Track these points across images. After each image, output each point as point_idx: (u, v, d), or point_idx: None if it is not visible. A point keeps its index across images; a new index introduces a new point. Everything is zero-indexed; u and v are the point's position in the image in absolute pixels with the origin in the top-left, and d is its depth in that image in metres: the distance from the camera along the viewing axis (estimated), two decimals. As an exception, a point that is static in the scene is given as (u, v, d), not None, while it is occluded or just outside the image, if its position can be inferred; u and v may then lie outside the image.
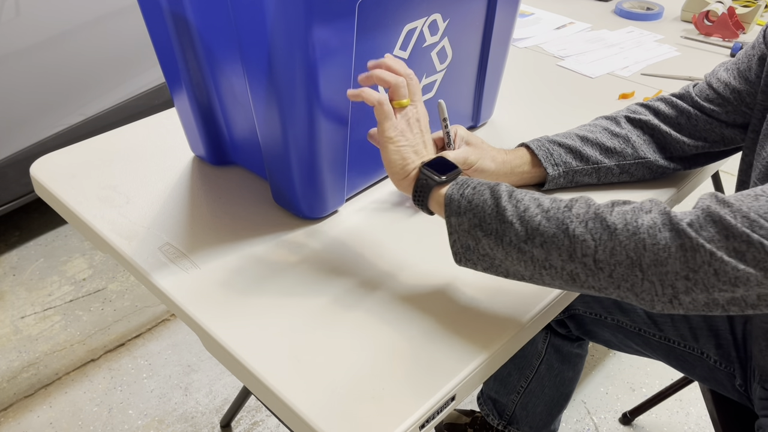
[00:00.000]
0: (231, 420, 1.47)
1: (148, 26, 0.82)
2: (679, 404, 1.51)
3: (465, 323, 0.69)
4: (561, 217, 0.60)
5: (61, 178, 0.92)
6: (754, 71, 0.79)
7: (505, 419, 1.22)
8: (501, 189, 0.65)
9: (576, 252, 0.59)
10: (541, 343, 1.12)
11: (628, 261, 0.57)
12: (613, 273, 0.58)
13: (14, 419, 1.47)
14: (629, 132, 0.87)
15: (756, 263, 0.53)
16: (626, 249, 0.57)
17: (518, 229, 0.62)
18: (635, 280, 0.57)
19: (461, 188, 0.67)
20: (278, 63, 0.69)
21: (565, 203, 0.62)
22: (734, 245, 0.53)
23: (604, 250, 0.58)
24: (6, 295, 1.81)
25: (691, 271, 0.55)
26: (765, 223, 0.53)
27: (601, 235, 0.58)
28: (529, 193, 0.64)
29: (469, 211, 0.65)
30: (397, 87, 0.70)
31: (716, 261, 0.54)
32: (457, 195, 0.66)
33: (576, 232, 0.59)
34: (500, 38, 0.97)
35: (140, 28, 1.91)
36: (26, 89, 1.72)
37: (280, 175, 0.82)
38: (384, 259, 0.78)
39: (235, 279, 0.75)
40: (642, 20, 1.52)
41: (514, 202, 0.63)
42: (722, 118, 0.84)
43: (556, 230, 0.60)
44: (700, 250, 0.54)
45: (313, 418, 0.59)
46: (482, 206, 0.64)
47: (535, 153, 0.86)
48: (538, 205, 0.62)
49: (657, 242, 0.56)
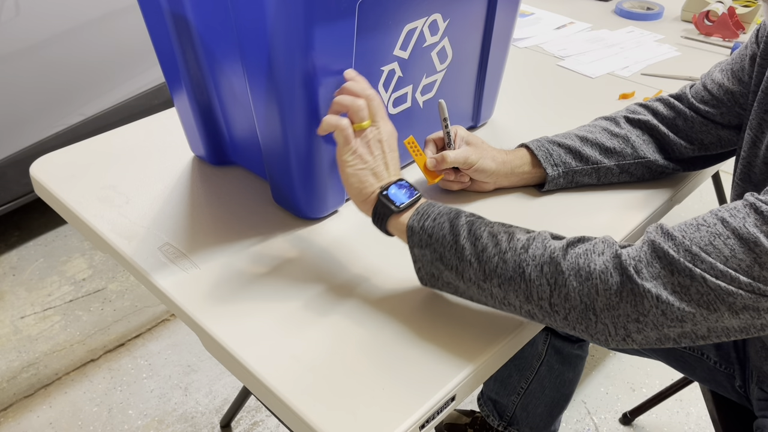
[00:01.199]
0: (231, 420, 1.47)
1: (148, 26, 0.82)
2: (679, 404, 1.51)
3: (465, 323, 0.69)
4: (517, 260, 0.61)
5: (61, 178, 0.92)
6: (747, 72, 0.79)
7: (505, 420, 1.22)
8: (460, 223, 0.65)
9: (532, 295, 0.61)
10: (541, 345, 1.12)
11: (581, 306, 0.59)
12: (568, 316, 0.60)
13: (14, 419, 1.47)
14: (629, 132, 0.87)
15: (699, 297, 0.55)
16: (580, 294, 0.58)
17: (476, 269, 0.63)
18: (589, 323, 0.59)
19: (421, 219, 0.67)
20: (278, 63, 0.69)
21: (522, 243, 0.62)
22: (678, 280, 0.55)
23: (559, 295, 0.59)
24: (6, 295, 1.81)
25: (640, 314, 0.57)
26: (706, 257, 0.55)
27: (556, 279, 0.59)
28: (488, 227, 0.64)
29: (430, 246, 0.65)
30: (354, 110, 0.70)
31: (662, 303, 0.56)
32: (417, 227, 0.66)
33: (532, 277, 0.60)
34: (500, 38, 0.97)
35: (140, 28, 1.90)
36: (26, 89, 1.72)
37: (280, 175, 0.82)
38: (384, 259, 0.78)
39: (235, 279, 0.75)
40: (642, 20, 1.52)
41: (473, 240, 0.63)
42: (717, 120, 0.84)
43: (512, 273, 0.61)
44: (647, 296, 0.56)
45: (313, 418, 0.59)
46: (442, 242, 0.64)
47: (535, 153, 0.86)
48: (496, 244, 0.62)
49: (608, 287, 0.57)
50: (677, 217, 2.12)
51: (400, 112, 0.88)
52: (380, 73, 0.80)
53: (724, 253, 0.54)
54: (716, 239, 0.55)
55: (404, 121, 0.89)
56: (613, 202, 0.88)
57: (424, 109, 0.91)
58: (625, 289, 0.56)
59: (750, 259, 0.53)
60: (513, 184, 0.89)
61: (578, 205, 0.87)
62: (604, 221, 0.84)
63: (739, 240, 0.54)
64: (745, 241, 0.54)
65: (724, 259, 0.54)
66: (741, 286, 0.54)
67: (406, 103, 0.88)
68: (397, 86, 0.84)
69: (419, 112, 0.91)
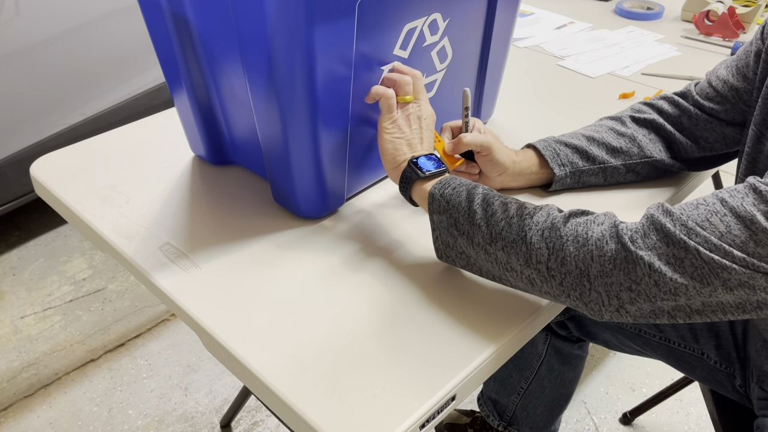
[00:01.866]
0: (231, 420, 1.47)
1: (148, 26, 0.82)
2: (680, 404, 1.51)
3: (465, 324, 0.69)
4: (521, 224, 0.64)
5: (61, 178, 0.92)
6: (752, 68, 0.79)
7: (505, 420, 1.22)
8: (477, 192, 0.68)
9: (531, 258, 0.63)
10: (541, 345, 1.12)
11: (576, 271, 0.60)
12: (564, 281, 0.61)
13: (14, 419, 1.47)
14: (635, 131, 0.87)
15: (693, 270, 0.56)
16: (575, 259, 0.60)
17: (485, 232, 0.66)
18: (583, 290, 0.60)
19: (443, 187, 0.70)
20: (278, 63, 0.69)
21: (529, 210, 0.65)
22: (673, 251, 0.56)
23: (556, 259, 0.61)
24: (6, 295, 1.81)
25: (633, 282, 0.58)
26: (701, 231, 0.56)
27: (555, 244, 0.61)
28: (502, 197, 0.68)
29: (447, 211, 0.69)
30: (401, 84, 0.77)
31: (655, 273, 0.57)
32: (438, 194, 0.70)
33: (532, 240, 0.63)
34: (500, 38, 0.97)
35: (140, 28, 1.90)
36: (26, 89, 1.72)
37: (280, 175, 0.82)
38: (383, 259, 0.78)
39: (235, 279, 0.75)
40: (642, 20, 1.52)
41: (485, 206, 0.67)
42: (722, 117, 0.84)
43: (515, 236, 0.64)
44: (639, 263, 0.57)
45: (313, 418, 0.59)
46: (457, 207, 0.68)
47: (542, 153, 0.86)
48: (505, 210, 0.66)
49: (603, 254, 0.59)
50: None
51: (400, 111, 0.88)
52: (380, 72, 0.80)
53: (720, 228, 0.55)
54: (713, 216, 0.56)
55: (404, 121, 0.89)
56: (615, 203, 0.88)
57: (424, 108, 0.91)
58: (619, 257, 0.58)
59: (745, 236, 0.54)
60: (519, 185, 0.89)
61: (580, 206, 0.87)
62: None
63: (735, 217, 0.55)
64: (741, 218, 0.55)
65: (719, 234, 0.55)
66: (735, 261, 0.54)
67: (406, 103, 0.88)
68: (397, 86, 0.84)
69: (419, 112, 0.91)
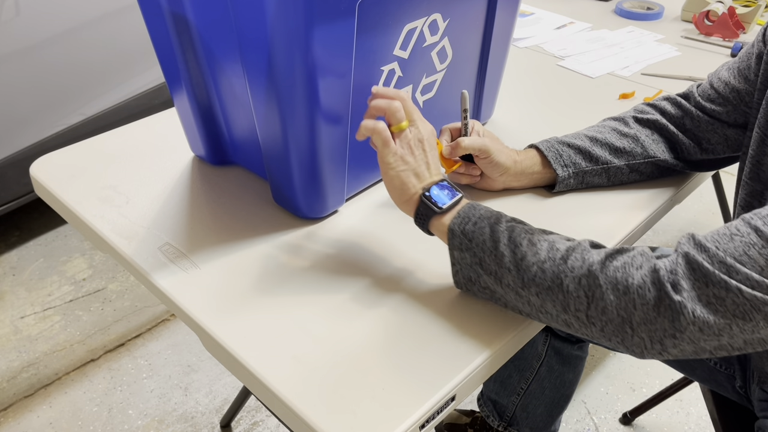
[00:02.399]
0: (231, 420, 1.47)
1: (148, 26, 0.82)
2: (679, 404, 1.51)
3: (465, 324, 0.69)
4: (556, 270, 0.61)
5: (61, 178, 0.92)
6: (753, 70, 0.79)
7: (505, 420, 1.21)
8: (500, 229, 0.65)
9: (569, 306, 0.61)
10: (541, 345, 1.12)
11: (618, 319, 0.59)
12: (605, 328, 0.60)
13: (14, 419, 1.47)
14: (638, 131, 0.87)
15: (735, 308, 0.55)
16: (617, 308, 0.58)
17: (515, 276, 0.63)
18: (625, 336, 0.59)
19: (463, 222, 0.67)
20: (278, 63, 0.69)
21: (562, 253, 0.62)
22: (714, 291, 0.55)
23: (596, 308, 0.59)
24: (6, 295, 1.81)
25: (677, 330, 0.57)
26: (741, 268, 0.54)
27: (594, 293, 0.59)
28: (528, 234, 0.64)
29: (470, 249, 0.66)
30: (391, 112, 0.70)
31: (699, 320, 0.55)
32: (458, 231, 0.67)
33: (570, 288, 0.60)
34: (500, 38, 0.97)
35: (140, 28, 1.90)
36: (26, 89, 1.72)
37: (280, 175, 0.82)
38: (384, 259, 0.78)
39: (235, 279, 0.75)
40: (642, 20, 1.52)
41: (512, 247, 0.63)
42: (723, 118, 0.84)
43: (551, 283, 0.61)
44: (683, 312, 0.56)
45: (313, 418, 0.59)
46: (482, 246, 0.65)
47: (545, 154, 0.86)
48: (535, 253, 0.63)
49: (646, 302, 0.57)
50: (677, 217, 2.12)
51: (400, 112, 0.88)
52: (380, 73, 0.80)
53: (760, 263, 0.54)
54: (750, 249, 0.55)
55: (404, 121, 0.89)
56: (616, 203, 0.88)
57: (424, 108, 0.91)
58: (663, 305, 0.56)
59: None
60: (522, 185, 0.89)
61: (582, 206, 0.87)
62: (607, 222, 0.84)
63: None
64: None
65: (760, 268, 0.54)
66: None
67: (406, 103, 0.88)
68: (397, 86, 0.84)
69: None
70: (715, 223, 2.10)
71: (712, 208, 2.15)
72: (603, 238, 0.79)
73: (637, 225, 0.84)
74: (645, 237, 2.02)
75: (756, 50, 0.79)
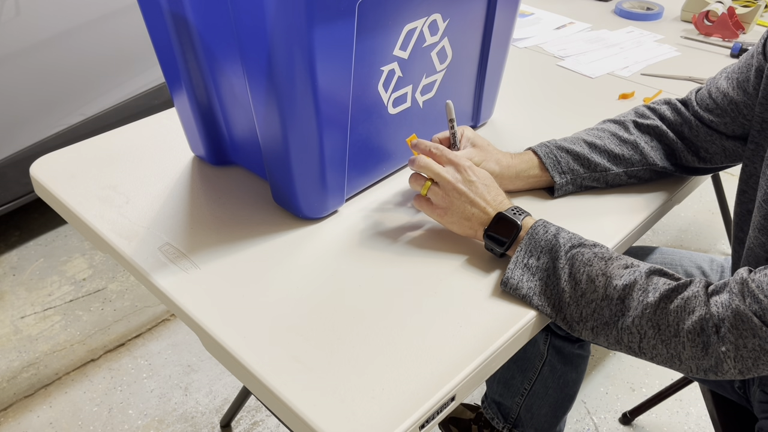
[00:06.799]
0: (231, 420, 1.47)
1: (148, 26, 0.82)
2: (679, 404, 1.51)
3: (465, 323, 0.69)
4: (613, 309, 0.67)
5: (61, 178, 0.92)
6: (752, 83, 0.78)
7: (510, 422, 1.21)
8: (560, 265, 0.69)
9: (622, 340, 0.67)
10: (542, 345, 1.12)
11: (668, 355, 0.65)
12: (654, 358, 0.67)
13: (14, 419, 1.47)
14: (638, 138, 0.87)
15: None
16: (667, 347, 0.65)
17: (573, 311, 0.69)
18: (673, 365, 0.66)
19: (525, 256, 0.72)
20: (278, 63, 0.69)
21: (619, 293, 0.67)
22: (759, 343, 0.60)
23: (648, 344, 0.66)
24: (6, 295, 1.81)
25: (719, 370, 0.63)
26: None
27: (647, 332, 0.65)
28: (587, 267, 0.69)
29: (532, 281, 0.71)
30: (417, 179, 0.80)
31: (739, 365, 0.62)
32: (521, 263, 0.72)
33: (624, 326, 0.66)
34: (500, 38, 0.97)
35: (140, 28, 1.90)
36: (26, 89, 1.72)
37: (280, 175, 0.82)
38: (384, 259, 0.78)
39: (235, 279, 0.75)
40: (642, 20, 1.52)
41: (573, 284, 0.69)
42: (721, 129, 0.84)
43: (608, 320, 0.67)
44: (726, 360, 0.62)
45: (313, 418, 0.59)
46: (546, 281, 0.70)
47: (543, 160, 0.86)
48: (594, 290, 0.68)
49: (695, 345, 0.63)
50: (677, 217, 2.12)
51: (400, 112, 0.88)
52: (380, 73, 0.80)
53: None
54: None
55: (404, 121, 0.89)
56: (616, 204, 0.88)
57: (424, 109, 0.91)
58: (709, 351, 0.62)
59: None
60: (518, 188, 0.89)
61: (581, 209, 0.87)
62: (607, 224, 0.84)
63: None
64: None
65: None
66: None
67: (405, 103, 0.88)
68: (397, 86, 0.84)
69: (419, 112, 0.91)
70: (714, 223, 2.10)
71: (712, 208, 2.16)
72: (603, 239, 0.79)
73: (636, 226, 0.84)
74: (645, 237, 2.03)
75: (756, 63, 0.77)
